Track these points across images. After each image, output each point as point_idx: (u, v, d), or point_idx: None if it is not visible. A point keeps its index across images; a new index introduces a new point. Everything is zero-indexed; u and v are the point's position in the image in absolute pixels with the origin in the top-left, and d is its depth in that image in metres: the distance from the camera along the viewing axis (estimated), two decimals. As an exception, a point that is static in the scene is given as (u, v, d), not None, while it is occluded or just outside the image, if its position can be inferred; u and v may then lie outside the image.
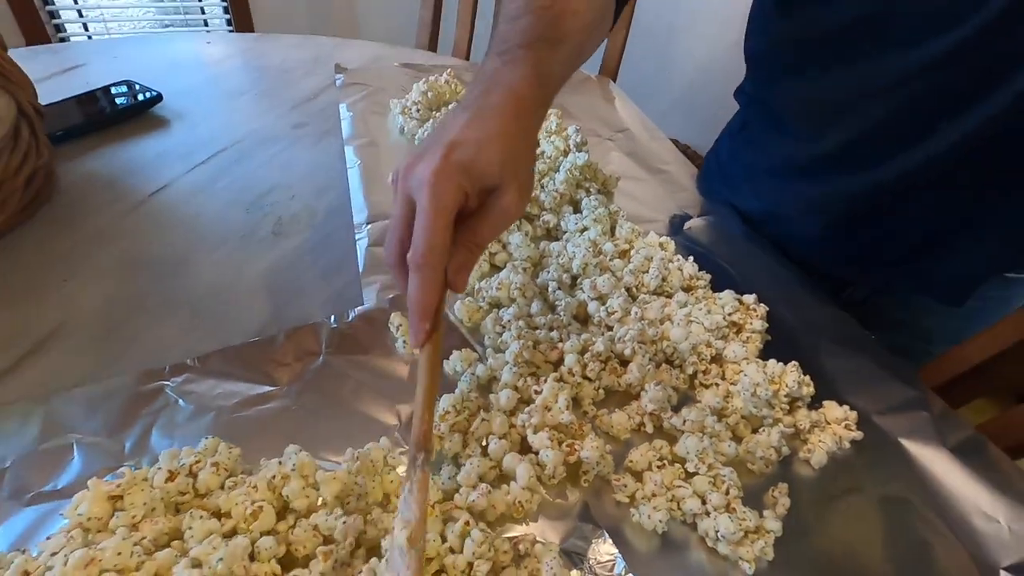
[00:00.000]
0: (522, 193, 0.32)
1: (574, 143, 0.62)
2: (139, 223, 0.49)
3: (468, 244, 0.32)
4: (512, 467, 0.33)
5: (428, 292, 0.30)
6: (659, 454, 0.35)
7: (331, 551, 0.27)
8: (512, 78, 0.34)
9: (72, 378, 0.36)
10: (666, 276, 0.47)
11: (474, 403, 0.36)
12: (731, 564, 0.32)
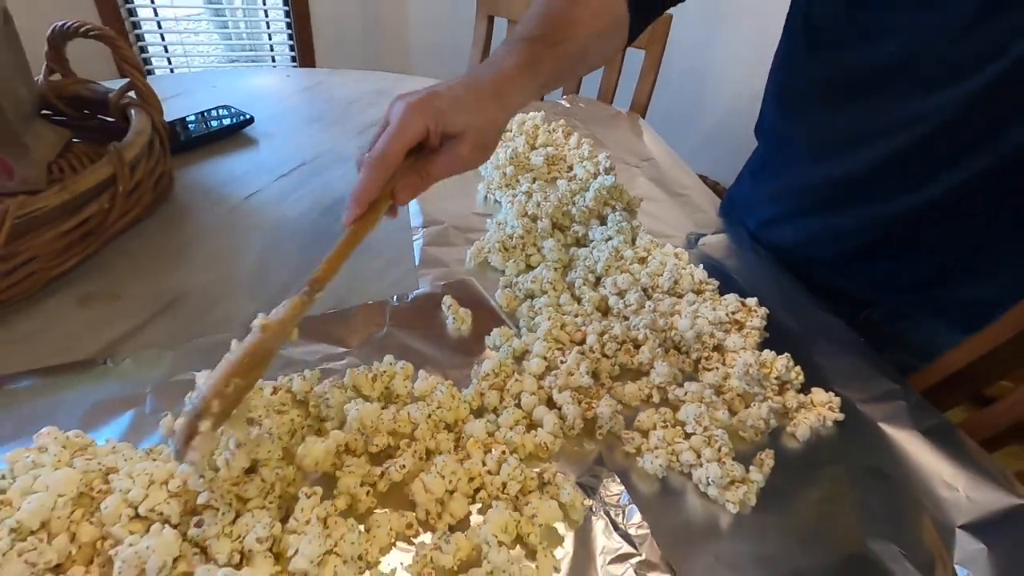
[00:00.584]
0: (476, 149, 0.39)
1: (603, 167, 0.71)
2: (236, 220, 0.59)
3: (420, 171, 0.38)
4: (540, 417, 0.40)
5: (368, 186, 0.36)
6: (663, 418, 0.42)
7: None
8: (506, 62, 0.41)
9: (188, 334, 0.45)
10: (678, 279, 0.54)
11: (509, 368, 0.43)
12: (719, 506, 0.38)
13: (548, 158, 0.72)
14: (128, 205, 0.51)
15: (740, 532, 0.37)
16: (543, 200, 0.62)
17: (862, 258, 0.58)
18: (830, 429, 0.44)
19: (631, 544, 0.35)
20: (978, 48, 0.43)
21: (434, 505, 0.34)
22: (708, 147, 1.78)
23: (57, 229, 0.45)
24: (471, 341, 0.48)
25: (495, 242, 0.56)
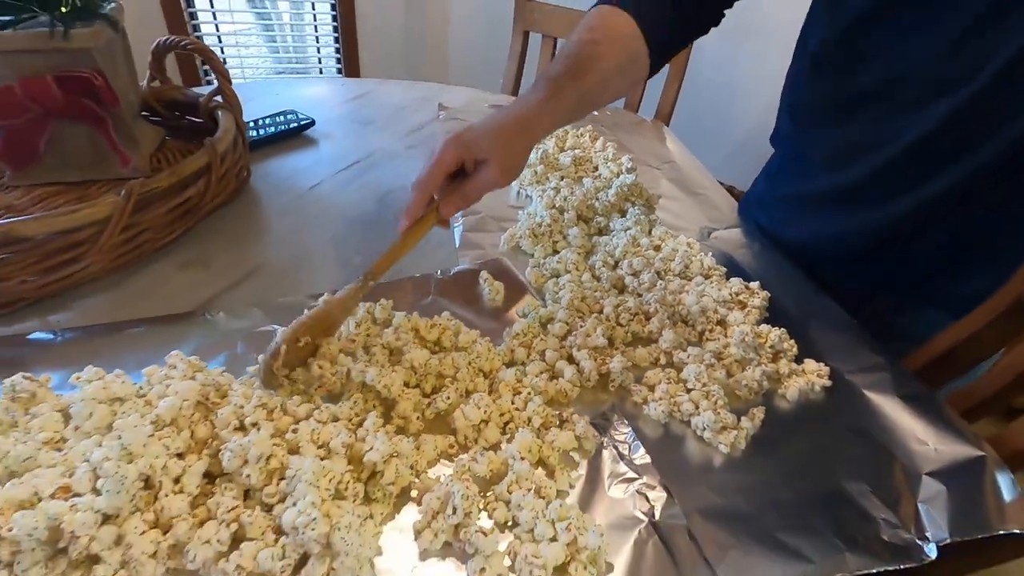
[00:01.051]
0: (503, 172, 0.46)
1: (625, 167, 0.78)
2: (303, 206, 0.69)
3: (458, 192, 0.47)
4: (561, 369, 0.47)
5: (414, 203, 0.46)
6: (668, 376, 0.48)
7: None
8: (529, 98, 0.49)
9: (269, 296, 0.54)
10: (688, 264, 0.61)
11: (536, 329, 0.51)
12: (712, 448, 0.44)
13: (575, 159, 0.79)
14: (218, 189, 0.61)
15: (729, 468, 0.43)
16: (570, 195, 0.69)
17: (866, 256, 0.64)
18: (818, 393, 0.50)
19: (635, 471, 0.41)
20: (960, 66, 0.49)
21: (471, 431, 0.42)
22: (734, 159, 1.83)
23: (165, 206, 0.55)
24: (503, 310, 0.55)
25: (526, 229, 0.64)
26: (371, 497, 0.37)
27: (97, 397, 0.38)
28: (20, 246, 0.46)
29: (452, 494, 0.36)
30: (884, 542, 0.38)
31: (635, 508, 0.39)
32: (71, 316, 0.50)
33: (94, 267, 0.51)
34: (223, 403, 0.39)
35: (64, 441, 0.37)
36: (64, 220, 0.47)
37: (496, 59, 1.26)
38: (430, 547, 0.36)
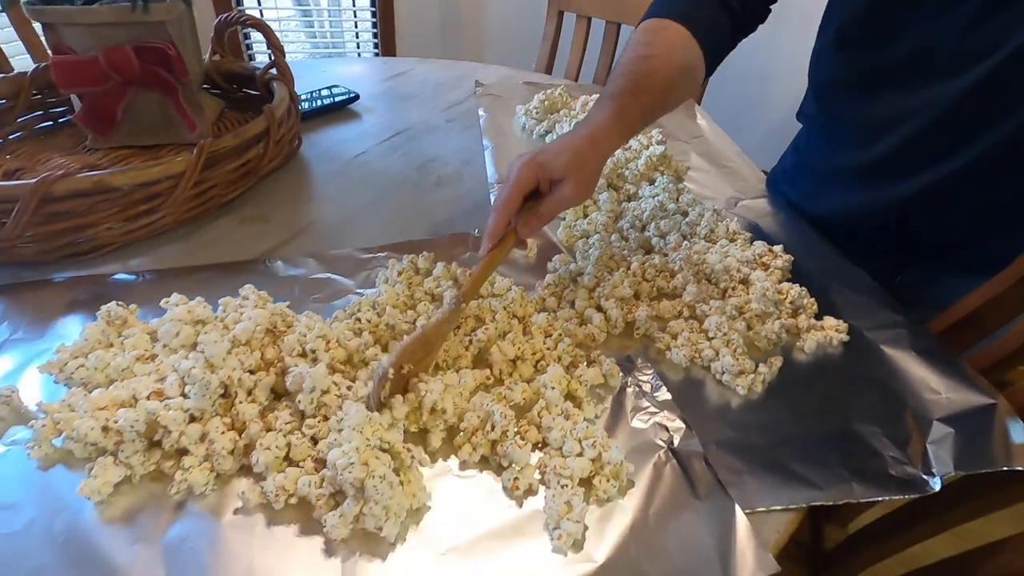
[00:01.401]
0: (578, 189, 0.48)
1: (655, 140, 0.80)
2: (350, 172, 0.74)
3: (535, 212, 0.49)
4: (590, 316, 0.51)
5: (495, 226, 0.47)
6: (690, 326, 0.51)
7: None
8: (597, 118, 0.52)
9: (321, 249, 0.59)
10: (714, 228, 0.63)
11: (567, 280, 0.54)
12: (731, 391, 0.47)
13: (607, 131, 0.82)
14: (275, 152, 0.66)
15: (746, 408, 0.46)
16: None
17: (894, 227, 0.65)
18: (835, 347, 0.52)
19: (656, 406, 0.45)
20: (982, 41, 0.50)
21: (506, 366, 0.46)
22: (765, 144, 1.82)
23: (229, 165, 0.60)
24: (535, 267, 0.59)
25: (558, 194, 0.67)
26: (426, 428, 0.41)
27: (183, 319, 0.43)
28: (108, 196, 0.52)
29: (492, 413, 0.40)
30: (891, 476, 0.41)
31: (655, 436, 0.42)
32: (148, 261, 0.56)
33: (168, 218, 0.57)
34: (288, 332, 0.44)
35: (153, 357, 0.43)
36: (146, 173, 0.53)
37: (532, 40, 1.28)
38: (468, 459, 0.40)
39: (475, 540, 0.36)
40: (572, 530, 0.35)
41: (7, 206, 0.48)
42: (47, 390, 0.43)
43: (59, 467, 0.38)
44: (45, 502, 0.36)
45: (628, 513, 0.38)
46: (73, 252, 0.54)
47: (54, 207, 0.50)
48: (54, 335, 0.48)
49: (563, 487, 0.37)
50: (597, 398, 0.45)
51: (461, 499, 0.38)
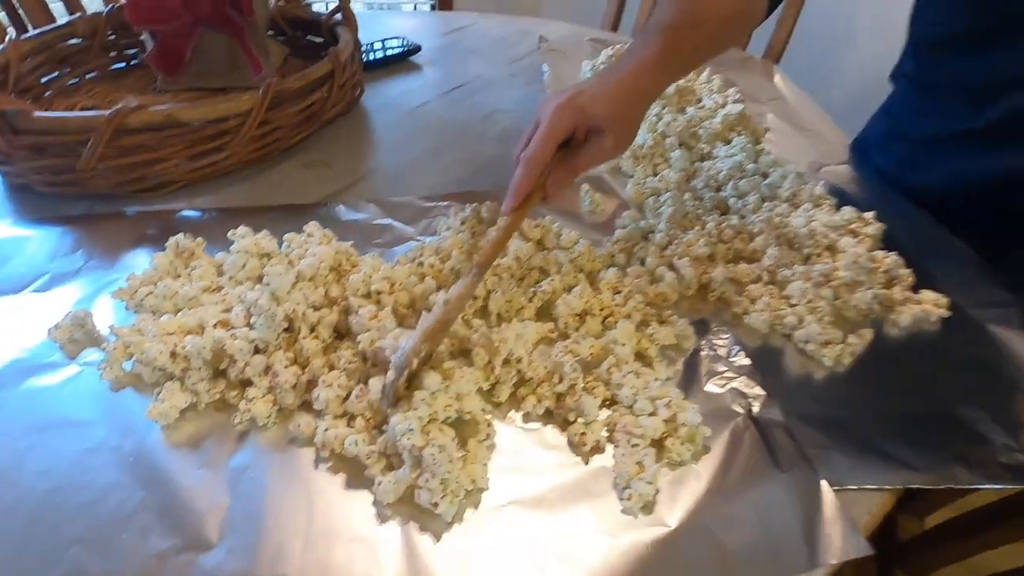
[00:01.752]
0: (619, 141, 0.41)
1: (732, 99, 0.75)
2: (412, 121, 0.72)
3: (567, 166, 0.42)
4: (662, 274, 0.48)
5: (523, 181, 0.41)
6: (770, 292, 0.48)
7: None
8: (643, 53, 0.43)
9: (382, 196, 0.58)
10: (797, 192, 0.58)
11: (638, 236, 0.51)
12: (815, 361, 0.43)
13: (679, 89, 0.77)
14: (338, 97, 0.65)
15: (832, 381, 0.42)
16: (672, 121, 0.68)
17: (1002, 202, 0.59)
18: (934, 323, 0.47)
19: (733, 371, 0.42)
20: None
21: (572, 320, 0.44)
22: (853, 109, 1.70)
23: (294, 107, 0.59)
24: (603, 223, 0.56)
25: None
26: (498, 380, 0.39)
27: (249, 251, 0.43)
28: (178, 131, 0.52)
29: (562, 364, 0.38)
30: (1001, 463, 0.37)
31: (732, 402, 0.39)
32: (213, 200, 0.56)
33: (233, 159, 0.57)
34: (353, 271, 0.43)
35: (219, 289, 0.43)
36: (215, 109, 0.53)
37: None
38: (532, 411, 0.38)
39: (539, 495, 0.34)
40: (644, 491, 0.33)
41: (84, 136, 0.49)
42: (118, 316, 0.44)
43: (129, 390, 0.39)
44: (115, 423, 0.37)
45: (702, 479, 0.35)
46: (143, 187, 0.54)
47: (127, 139, 0.50)
48: (124, 265, 0.48)
49: (633, 446, 0.35)
50: (668, 360, 0.43)
51: (523, 451, 0.37)
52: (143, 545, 0.31)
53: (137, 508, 0.33)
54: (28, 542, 0.31)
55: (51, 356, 0.41)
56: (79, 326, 0.41)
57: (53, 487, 0.34)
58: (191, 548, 0.31)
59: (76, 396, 0.38)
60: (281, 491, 0.34)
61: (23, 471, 0.34)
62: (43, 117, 0.49)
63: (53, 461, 0.35)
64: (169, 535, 0.32)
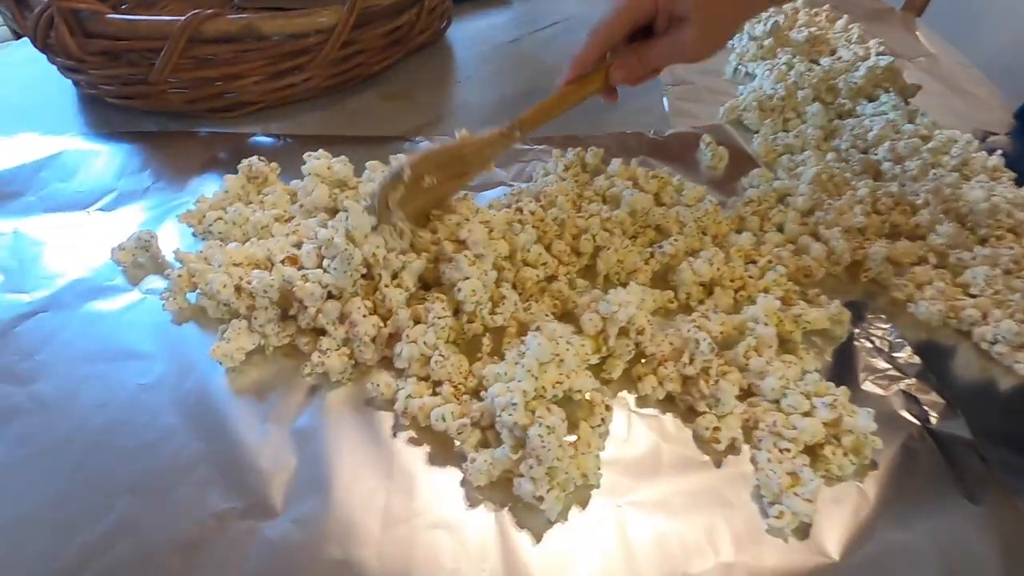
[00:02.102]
0: (701, 39, 0.35)
1: (876, 52, 0.64)
2: (501, 57, 0.65)
3: (638, 53, 0.36)
4: (806, 244, 0.39)
5: (584, 51, 0.37)
6: (940, 276, 0.39)
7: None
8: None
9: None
10: (967, 161, 0.48)
11: (773, 199, 0.43)
12: (1002, 368, 0.35)
13: (811, 37, 0.66)
14: (426, 23, 0.58)
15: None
16: (806, 71, 0.58)
17: None
18: None
19: (899, 370, 0.34)
20: None
21: (697, 290, 0.36)
22: (1014, 71, 1.49)
23: (380, 28, 0.53)
24: (724, 180, 0.48)
25: (752, 102, 0.54)
26: (611, 353, 0.32)
27: (321, 174, 0.37)
28: (256, 46, 0.47)
29: (695, 340, 0.31)
30: None
31: (901, 408, 0.32)
32: (288, 126, 0.51)
33: (313, 82, 0.52)
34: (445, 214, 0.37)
35: (291, 219, 0.38)
36: (295, 23, 0.47)
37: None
38: (650, 395, 0.31)
39: (659, 498, 0.28)
40: (800, 509, 0.26)
41: (158, 43, 0.44)
42: (184, 242, 0.40)
43: (192, 324, 0.35)
44: (176, 359, 0.33)
45: (869, 500, 0.28)
46: (217, 106, 0.50)
47: (202, 50, 0.46)
48: (192, 189, 0.44)
49: (782, 451, 0.28)
50: (814, 347, 0.35)
51: (637, 442, 0.30)
52: (200, 503, 0.27)
53: (195, 460, 0.29)
54: (79, 482, 0.28)
55: (113, 279, 0.37)
56: (143, 248, 0.37)
57: (108, 423, 0.30)
58: (253, 514, 0.27)
59: (136, 325, 0.34)
60: (354, 459, 0.29)
61: (79, 401, 0.31)
62: (116, 19, 0.44)
63: (110, 394, 0.31)
64: (229, 495, 0.27)
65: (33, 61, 0.58)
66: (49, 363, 0.32)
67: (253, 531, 0.26)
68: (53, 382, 0.31)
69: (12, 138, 0.47)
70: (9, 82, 0.56)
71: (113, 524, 0.26)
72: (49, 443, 0.29)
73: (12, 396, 0.31)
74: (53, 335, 0.33)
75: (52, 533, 0.26)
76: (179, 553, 0.26)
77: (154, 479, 0.28)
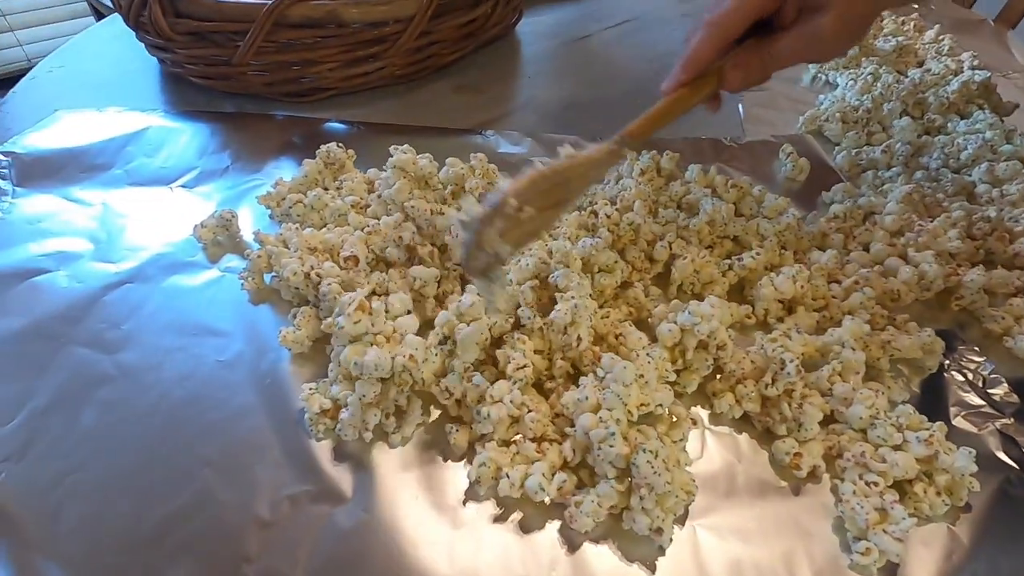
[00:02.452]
0: (843, 27, 0.29)
1: (969, 65, 0.60)
2: (571, 54, 0.64)
3: (760, 51, 0.31)
4: (894, 266, 0.37)
5: (700, 48, 0.31)
6: (1043, 311, 0.36)
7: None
8: None
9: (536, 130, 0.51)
10: (1073, 188, 0.45)
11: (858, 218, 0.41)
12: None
13: (899, 47, 0.63)
14: (500, 15, 0.58)
15: None
16: (894, 83, 0.55)
17: None
18: None
19: (994, 407, 0.32)
20: None
21: (776, 307, 0.35)
22: None
23: (456, 20, 0.53)
24: (803, 193, 0.46)
25: (835, 112, 0.52)
26: (687, 366, 0.31)
27: (406, 168, 0.37)
28: (337, 31, 0.47)
29: (783, 361, 0.29)
30: None
31: (998, 449, 0.30)
32: (362, 114, 0.52)
33: (387, 70, 0.52)
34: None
35: (367, 207, 0.38)
36: (376, 10, 0.47)
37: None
38: (726, 412, 0.30)
39: (736, 523, 0.27)
40: (889, 548, 0.25)
41: (244, 25, 0.45)
42: (259, 223, 0.40)
43: (268, 305, 0.35)
44: (254, 339, 0.34)
45: (962, 545, 0.26)
46: (293, 91, 0.51)
47: (285, 34, 0.46)
48: (268, 171, 0.45)
49: (870, 485, 0.27)
50: (901, 377, 0.33)
51: (711, 461, 0.29)
52: (275, 483, 0.28)
53: (270, 440, 0.29)
54: (163, 452, 0.29)
55: (194, 255, 0.38)
56: (224, 227, 0.38)
57: (190, 396, 0.31)
58: (325, 498, 0.27)
59: (216, 303, 0.35)
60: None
61: (162, 373, 0.32)
62: (206, 1, 0.45)
63: (191, 368, 0.32)
64: (303, 478, 0.28)
65: (120, 38, 0.60)
66: (134, 333, 0.33)
67: (325, 515, 0.27)
68: (138, 352, 0.32)
69: (102, 112, 0.49)
70: (100, 58, 0.58)
71: (192, 496, 0.27)
72: (134, 412, 0.30)
73: (100, 363, 0.32)
74: (138, 307, 0.35)
75: (136, 500, 0.27)
76: (254, 531, 0.26)
77: (232, 456, 0.28)
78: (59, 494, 0.27)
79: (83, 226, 0.39)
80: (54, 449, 0.29)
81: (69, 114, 0.48)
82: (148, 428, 0.29)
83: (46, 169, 0.43)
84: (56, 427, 0.29)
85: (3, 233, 0.38)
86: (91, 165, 0.44)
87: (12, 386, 0.31)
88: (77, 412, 0.30)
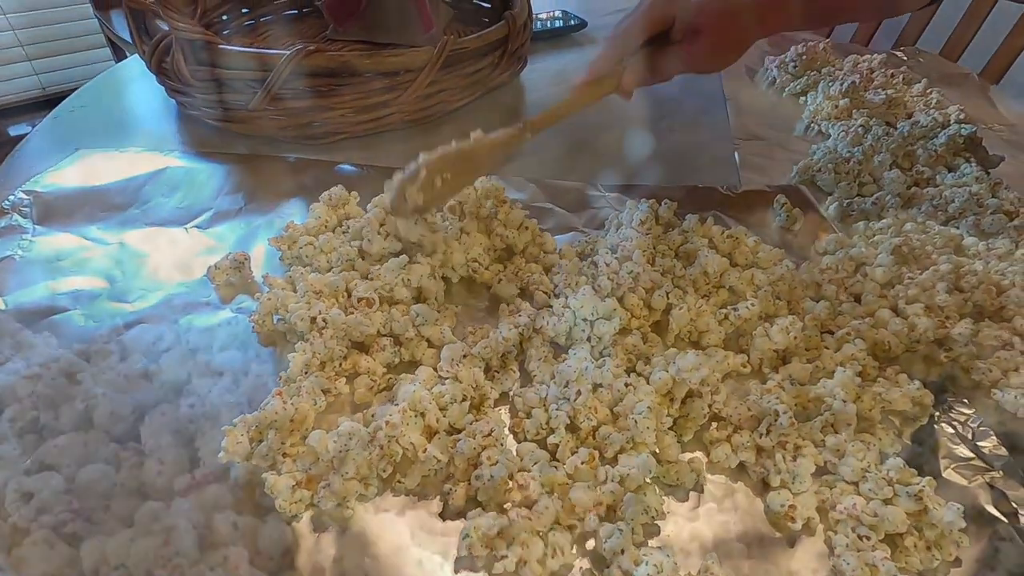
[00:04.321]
0: (714, 52, 0.38)
1: (955, 119, 0.63)
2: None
3: (649, 61, 0.39)
4: (884, 318, 0.39)
5: (602, 57, 0.40)
6: (1029, 364, 0.37)
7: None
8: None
9: (542, 175, 0.53)
10: (1058, 242, 0.46)
11: (849, 269, 0.42)
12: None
13: (888, 100, 0.66)
14: (507, 64, 0.60)
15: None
16: (884, 136, 0.57)
17: None
18: None
19: (983, 460, 0.32)
20: None
21: (770, 355, 0.36)
22: None
23: (464, 69, 0.55)
24: (795, 242, 0.47)
25: (827, 163, 0.54)
26: (683, 414, 0.32)
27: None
28: (350, 80, 0.50)
29: (776, 413, 0.30)
30: None
31: (988, 502, 0.30)
32: (372, 156, 0.53)
33: (397, 116, 0.54)
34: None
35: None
36: (388, 61, 0.50)
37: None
38: (721, 462, 0.31)
39: (731, 567, 0.28)
40: (881, 604, 0.25)
41: (262, 74, 0.47)
42: (269, 263, 0.42)
43: (276, 349, 0.36)
44: (262, 379, 0.34)
45: (951, 600, 0.27)
46: (306, 135, 0.53)
47: (300, 81, 0.48)
48: (279, 212, 0.46)
49: (861, 539, 0.28)
50: (892, 428, 0.34)
51: (705, 510, 0.30)
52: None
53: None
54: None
55: (207, 296, 0.39)
56: (236, 269, 0.39)
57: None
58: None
59: (227, 343, 0.36)
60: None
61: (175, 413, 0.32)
62: (228, 50, 0.47)
63: (202, 409, 0.32)
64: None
65: (139, 79, 0.62)
66: (149, 372, 0.34)
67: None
68: (151, 392, 0.33)
69: (122, 152, 0.51)
70: (120, 98, 0.61)
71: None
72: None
73: (115, 401, 0.32)
74: (152, 345, 0.35)
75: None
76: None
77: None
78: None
79: (100, 265, 0.40)
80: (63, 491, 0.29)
81: (90, 154, 0.50)
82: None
83: (66, 208, 0.44)
84: (69, 465, 0.30)
85: (23, 271, 0.39)
86: (110, 205, 0.45)
87: (29, 424, 0.31)
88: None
